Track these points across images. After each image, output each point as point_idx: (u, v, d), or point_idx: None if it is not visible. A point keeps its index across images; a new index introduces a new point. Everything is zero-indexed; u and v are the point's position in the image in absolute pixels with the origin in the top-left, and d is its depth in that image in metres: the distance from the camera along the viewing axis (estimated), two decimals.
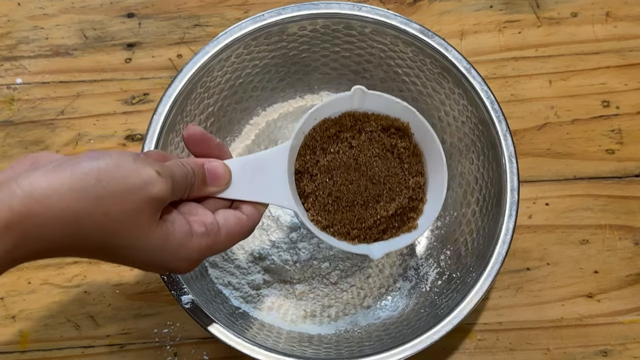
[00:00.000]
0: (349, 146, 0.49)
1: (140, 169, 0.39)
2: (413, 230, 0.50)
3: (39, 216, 0.36)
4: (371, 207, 0.49)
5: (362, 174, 0.49)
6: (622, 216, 0.65)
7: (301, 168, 0.48)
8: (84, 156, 0.39)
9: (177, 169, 0.42)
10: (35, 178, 0.36)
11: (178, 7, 0.70)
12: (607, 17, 0.70)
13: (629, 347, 0.62)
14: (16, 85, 0.68)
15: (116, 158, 0.39)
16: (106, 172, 0.38)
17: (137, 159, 0.40)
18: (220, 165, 0.45)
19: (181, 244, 0.41)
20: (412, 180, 0.49)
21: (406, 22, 0.58)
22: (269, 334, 0.58)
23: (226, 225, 0.44)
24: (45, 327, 0.62)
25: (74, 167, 0.37)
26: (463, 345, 0.62)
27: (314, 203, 0.48)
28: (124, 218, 0.38)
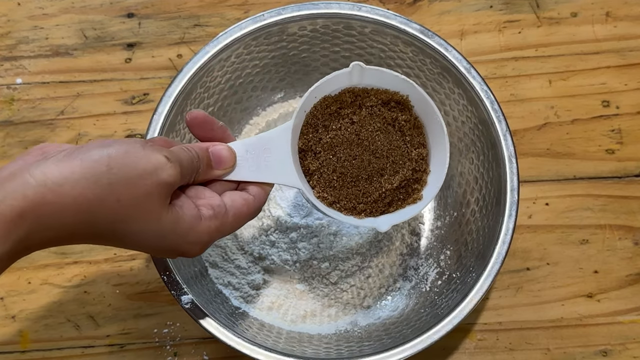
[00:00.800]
0: (350, 122, 0.49)
1: (150, 154, 0.40)
2: (418, 202, 0.50)
3: (52, 204, 0.37)
4: (375, 180, 0.49)
5: (365, 149, 0.49)
6: (622, 216, 0.65)
7: (304, 146, 0.48)
8: (93, 144, 0.39)
9: (183, 154, 0.43)
10: (47, 167, 0.37)
11: (178, 7, 0.70)
12: (607, 17, 0.70)
13: (629, 347, 0.62)
14: (16, 85, 0.68)
15: (125, 145, 0.39)
16: (116, 158, 0.38)
17: (146, 146, 0.40)
18: (225, 148, 0.45)
19: (191, 228, 0.42)
20: (414, 152, 0.50)
21: (406, 22, 0.58)
22: (269, 334, 0.58)
23: (233, 206, 0.44)
24: (45, 327, 0.62)
25: (84, 155, 0.38)
26: (463, 345, 0.62)
27: (319, 180, 0.48)
28: (135, 203, 0.39)
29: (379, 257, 0.62)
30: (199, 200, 0.43)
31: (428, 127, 0.50)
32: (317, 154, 0.48)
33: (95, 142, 0.40)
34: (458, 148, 0.62)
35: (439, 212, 0.64)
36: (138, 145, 0.40)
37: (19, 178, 0.37)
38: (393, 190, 0.49)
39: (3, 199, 0.36)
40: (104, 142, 0.40)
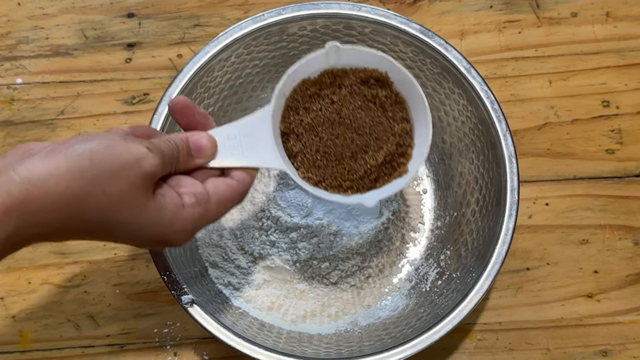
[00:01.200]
0: (331, 102, 0.49)
1: (131, 146, 0.40)
2: (404, 175, 0.50)
3: (38, 200, 0.37)
4: (360, 157, 0.49)
5: (347, 127, 0.49)
6: (622, 216, 0.65)
7: (286, 129, 0.48)
8: (75, 140, 0.40)
9: (163, 145, 0.43)
10: (31, 164, 0.38)
11: (178, 7, 0.70)
12: (607, 17, 0.70)
13: (628, 347, 0.62)
14: (16, 85, 0.68)
15: (106, 138, 0.40)
16: (98, 152, 0.39)
17: (127, 138, 0.41)
18: (204, 137, 0.46)
19: (174, 216, 0.42)
20: (397, 127, 0.50)
21: (406, 22, 0.58)
22: (269, 333, 0.58)
23: (216, 192, 0.44)
24: (45, 327, 0.63)
25: (67, 150, 0.39)
26: (463, 345, 0.62)
27: (303, 161, 0.49)
28: (120, 194, 0.39)
29: (379, 257, 0.62)
30: (180, 188, 0.44)
31: (410, 101, 0.50)
32: (299, 136, 0.48)
33: (78, 138, 0.40)
34: (458, 148, 0.62)
35: (439, 212, 0.64)
36: (119, 138, 0.40)
37: (3, 175, 0.37)
38: (378, 166, 0.49)
39: None
40: (86, 137, 0.40)
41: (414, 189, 0.65)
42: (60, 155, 0.38)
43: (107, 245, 0.64)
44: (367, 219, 0.61)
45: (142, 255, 0.64)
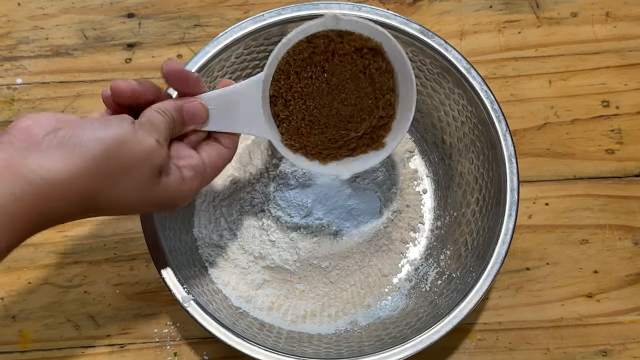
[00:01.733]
0: (322, 70, 0.49)
1: (142, 140, 0.43)
2: (381, 149, 0.52)
3: (58, 200, 0.40)
4: (342, 127, 0.51)
5: (334, 98, 0.50)
6: (621, 216, 0.65)
7: (275, 93, 0.49)
8: (87, 132, 0.41)
9: (162, 124, 0.45)
10: (45, 160, 0.40)
11: (178, 7, 0.70)
12: (607, 17, 0.70)
13: (628, 347, 0.62)
14: (16, 86, 0.68)
15: (119, 133, 0.42)
16: (113, 151, 0.42)
17: (138, 130, 0.43)
18: (197, 105, 0.48)
19: (177, 190, 0.46)
20: (382, 100, 0.51)
21: (406, 22, 0.58)
22: (269, 333, 0.58)
23: (211, 162, 0.48)
24: (45, 327, 0.63)
25: (81, 148, 0.41)
26: (463, 345, 0.62)
27: (288, 128, 0.50)
28: (133, 187, 0.43)
29: (379, 256, 0.62)
30: (179, 161, 0.47)
31: (399, 74, 0.51)
32: (287, 102, 0.50)
33: (87, 127, 0.42)
34: (458, 148, 0.62)
35: (439, 212, 0.64)
36: (131, 131, 0.43)
37: (17, 174, 0.39)
38: (358, 138, 0.51)
39: (11, 197, 0.38)
40: (96, 129, 0.42)
41: (414, 189, 0.65)
42: (74, 152, 0.40)
43: (107, 246, 0.64)
44: (367, 219, 0.61)
45: (142, 255, 0.64)
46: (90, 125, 0.42)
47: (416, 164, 0.66)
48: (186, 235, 0.60)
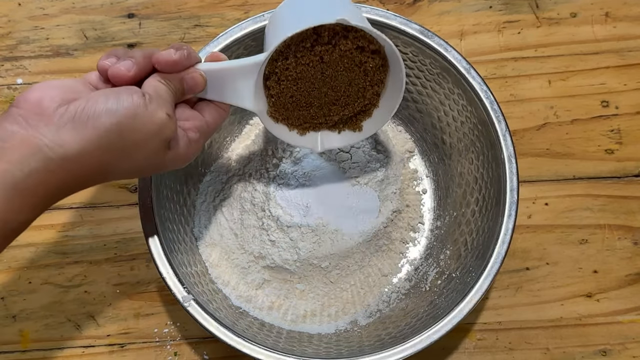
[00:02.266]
0: (320, 60, 0.51)
1: (154, 114, 0.44)
2: (357, 131, 0.56)
3: (75, 174, 0.42)
4: (326, 108, 0.54)
5: (325, 83, 0.52)
6: (621, 216, 0.65)
7: (270, 71, 0.51)
8: (100, 106, 0.42)
9: (168, 95, 0.47)
10: (61, 136, 0.41)
11: (178, 8, 0.70)
12: (607, 18, 0.70)
13: (628, 347, 0.62)
14: (17, 86, 0.68)
15: (131, 107, 0.43)
16: (126, 125, 0.43)
17: (149, 104, 0.44)
18: (197, 76, 0.49)
19: (185, 152, 0.48)
20: (370, 91, 0.53)
21: (406, 23, 0.58)
22: (269, 333, 0.58)
23: (213, 121, 0.50)
24: (45, 326, 0.63)
25: (95, 122, 0.42)
26: (463, 345, 0.62)
27: (275, 102, 0.52)
28: (144, 156, 0.45)
29: (379, 256, 0.62)
30: (185, 123, 0.49)
31: (391, 72, 0.53)
32: (280, 80, 0.51)
33: (99, 100, 0.42)
34: (457, 148, 0.62)
35: (439, 212, 0.64)
36: (142, 105, 0.44)
37: (35, 148, 0.40)
38: (340, 118, 0.55)
39: (29, 173, 0.40)
40: (107, 102, 0.42)
41: (414, 189, 0.65)
42: (89, 128, 0.42)
43: (108, 246, 0.64)
44: (367, 219, 0.61)
45: (142, 255, 0.64)
46: (102, 98, 0.43)
47: (416, 164, 0.66)
48: (186, 235, 0.61)
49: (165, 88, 0.47)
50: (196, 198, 0.63)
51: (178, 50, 0.48)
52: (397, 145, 0.65)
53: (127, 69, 0.46)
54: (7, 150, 0.40)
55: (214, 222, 0.62)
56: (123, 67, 0.45)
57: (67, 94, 0.43)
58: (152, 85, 0.46)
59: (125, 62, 0.46)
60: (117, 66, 0.46)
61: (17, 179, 0.40)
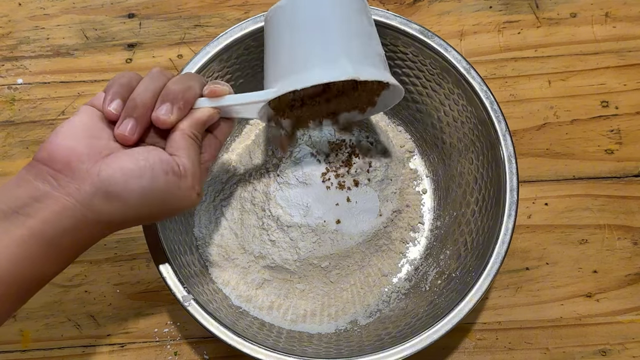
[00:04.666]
0: (326, 101, 0.53)
1: (186, 195, 0.46)
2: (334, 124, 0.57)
3: (103, 231, 0.45)
4: (323, 115, 0.56)
5: (328, 107, 0.54)
6: (621, 216, 0.65)
7: (276, 106, 0.52)
8: (132, 181, 0.43)
9: (196, 156, 0.47)
10: (94, 205, 0.43)
11: (178, 8, 0.70)
12: (607, 18, 0.70)
13: (627, 347, 0.62)
14: (17, 85, 0.68)
15: (164, 187, 0.44)
16: (158, 202, 0.45)
17: (183, 182, 0.45)
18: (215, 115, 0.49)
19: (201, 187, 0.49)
20: (367, 104, 0.55)
21: (406, 23, 0.58)
22: (269, 333, 0.58)
23: (224, 137, 0.51)
24: (45, 326, 0.63)
25: (127, 198, 0.44)
26: (462, 345, 0.62)
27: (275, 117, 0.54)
28: (168, 215, 0.48)
29: (379, 256, 0.62)
30: (204, 155, 0.49)
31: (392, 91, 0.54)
32: (283, 113, 0.53)
33: (134, 174, 0.43)
34: (457, 148, 0.62)
35: (439, 211, 0.64)
36: (176, 185, 0.45)
37: (69, 211, 0.43)
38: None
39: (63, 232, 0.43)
40: (143, 180, 0.44)
41: (414, 189, 0.65)
42: (121, 201, 0.44)
43: (108, 245, 0.64)
44: (367, 218, 0.61)
45: (142, 255, 0.64)
46: (136, 172, 0.43)
47: (416, 164, 0.66)
48: (186, 235, 0.61)
49: (196, 146, 0.47)
50: None
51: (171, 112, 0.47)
52: (397, 145, 0.66)
53: (131, 133, 0.45)
54: (42, 210, 0.42)
55: (214, 222, 0.62)
56: (128, 133, 0.45)
57: (91, 143, 0.44)
58: (183, 148, 0.46)
59: (129, 126, 0.45)
60: (121, 132, 0.45)
61: (52, 236, 0.42)
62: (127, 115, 0.45)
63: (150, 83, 0.46)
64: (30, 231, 0.41)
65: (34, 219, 0.42)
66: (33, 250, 0.42)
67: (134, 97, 0.45)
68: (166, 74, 0.47)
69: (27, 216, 0.41)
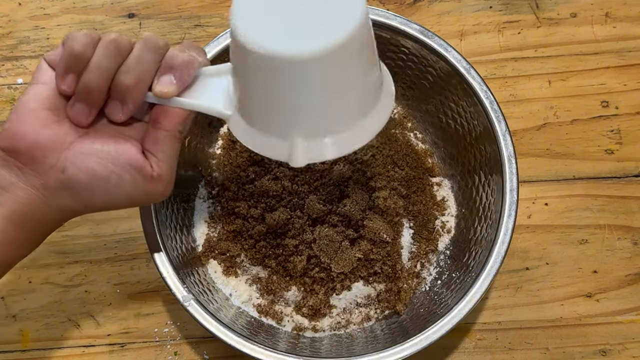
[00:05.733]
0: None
1: (153, 197, 0.45)
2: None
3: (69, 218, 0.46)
4: None
5: None
6: (621, 216, 0.65)
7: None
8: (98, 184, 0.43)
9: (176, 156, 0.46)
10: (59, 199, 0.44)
11: (179, 8, 0.70)
12: (607, 18, 0.70)
13: (627, 347, 0.62)
14: (17, 85, 0.68)
15: (131, 189, 0.44)
16: (123, 200, 0.45)
17: (152, 188, 0.45)
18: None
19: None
20: None
21: (406, 23, 0.58)
22: (269, 333, 0.58)
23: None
24: (45, 326, 0.63)
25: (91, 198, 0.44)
26: (462, 345, 0.62)
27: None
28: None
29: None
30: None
31: None
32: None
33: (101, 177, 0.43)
34: (457, 148, 0.62)
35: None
36: (142, 190, 0.44)
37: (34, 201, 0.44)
38: None
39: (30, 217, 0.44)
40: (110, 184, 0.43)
41: None
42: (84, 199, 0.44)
43: (108, 245, 0.64)
44: None
45: (142, 255, 0.64)
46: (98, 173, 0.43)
47: None
48: (186, 235, 0.61)
49: (178, 147, 0.45)
50: (195, 198, 0.63)
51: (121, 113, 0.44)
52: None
53: (85, 119, 0.43)
54: (10, 199, 0.43)
55: (214, 221, 0.62)
56: (83, 119, 0.43)
57: (54, 132, 0.43)
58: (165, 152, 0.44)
59: (83, 112, 0.43)
60: (74, 116, 0.43)
61: (22, 223, 0.44)
62: (79, 99, 0.43)
63: (105, 60, 0.41)
64: (3, 217, 0.43)
65: (4, 207, 0.43)
66: (10, 235, 0.43)
67: (88, 81, 0.42)
68: (123, 49, 0.42)
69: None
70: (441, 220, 0.63)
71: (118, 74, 0.42)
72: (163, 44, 0.43)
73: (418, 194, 0.63)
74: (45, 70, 0.43)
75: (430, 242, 0.62)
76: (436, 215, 0.63)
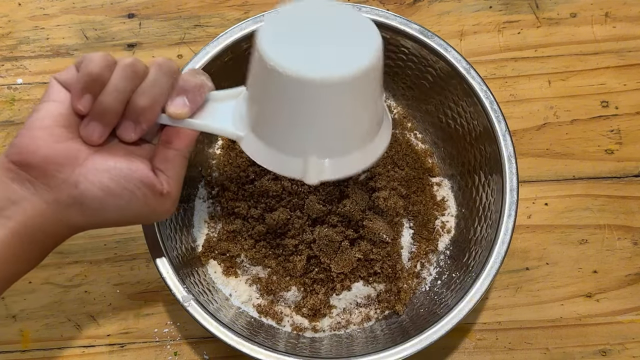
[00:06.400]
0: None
1: (160, 214, 0.47)
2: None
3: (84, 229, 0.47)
4: None
5: None
6: (621, 216, 0.65)
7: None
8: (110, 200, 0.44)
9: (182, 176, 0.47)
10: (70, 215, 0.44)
11: (178, 8, 0.70)
12: (606, 18, 0.70)
13: (627, 347, 0.62)
14: (17, 85, 0.68)
15: (142, 207, 0.45)
16: (131, 216, 0.46)
17: (161, 205, 0.46)
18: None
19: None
20: None
21: (406, 23, 0.58)
22: (268, 333, 0.58)
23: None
24: (45, 326, 0.63)
25: (102, 215, 0.45)
26: (462, 345, 0.62)
27: None
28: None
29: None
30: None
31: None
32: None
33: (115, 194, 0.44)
34: (457, 148, 0.62)
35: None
36: (151, 208, 0.45)
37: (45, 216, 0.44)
38: None
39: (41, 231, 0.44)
40: (122, 200, 0.44)
41: None
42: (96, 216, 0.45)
43: (108, 245, 0.64)
44: None
45: (142, 255, 0.64)
46: (111, 189, 0.44)
47: None
48: (186, 235, 0.61)
49: (186, 165, 0.47)
50: (196, 198, 0.63)
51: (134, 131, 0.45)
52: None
53: (99, 138, 0.44)
54: (20, 213, 0.43)
55: (214, 222, 0.62)
56: (95, 138, 0.44)
57: (67, 147, 0.43)
58: (175, 171, 0.46)
59: (97, 131, 0.44)
60: (87, 135, 0.44)
61: (31, 237, 0.44)
62: (94, 118, 0.44)
63: (122, 82, 0.43)
64: (11, 232, 0.43)
65: (13, 221, 0.43)
66: (15, 251, 0.43)
67: (105, 102, 0.43)
68: (140, 72, 0.43)
69: (7, 218, 0.42)
70: (441, 220, 0.63)
71: (134, 96, 0.43)
72: (176, 68, 0.45)
73: (418, 194, 0.63)
74: (58, 89, 0.44)
75: (430, 242, 0.62)
76: (436, 215, 0.63)
